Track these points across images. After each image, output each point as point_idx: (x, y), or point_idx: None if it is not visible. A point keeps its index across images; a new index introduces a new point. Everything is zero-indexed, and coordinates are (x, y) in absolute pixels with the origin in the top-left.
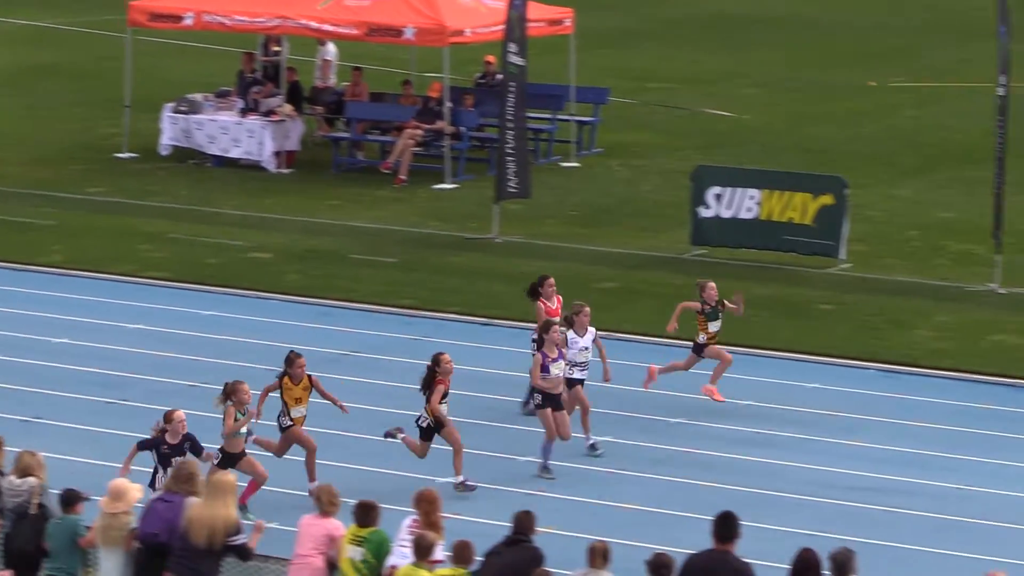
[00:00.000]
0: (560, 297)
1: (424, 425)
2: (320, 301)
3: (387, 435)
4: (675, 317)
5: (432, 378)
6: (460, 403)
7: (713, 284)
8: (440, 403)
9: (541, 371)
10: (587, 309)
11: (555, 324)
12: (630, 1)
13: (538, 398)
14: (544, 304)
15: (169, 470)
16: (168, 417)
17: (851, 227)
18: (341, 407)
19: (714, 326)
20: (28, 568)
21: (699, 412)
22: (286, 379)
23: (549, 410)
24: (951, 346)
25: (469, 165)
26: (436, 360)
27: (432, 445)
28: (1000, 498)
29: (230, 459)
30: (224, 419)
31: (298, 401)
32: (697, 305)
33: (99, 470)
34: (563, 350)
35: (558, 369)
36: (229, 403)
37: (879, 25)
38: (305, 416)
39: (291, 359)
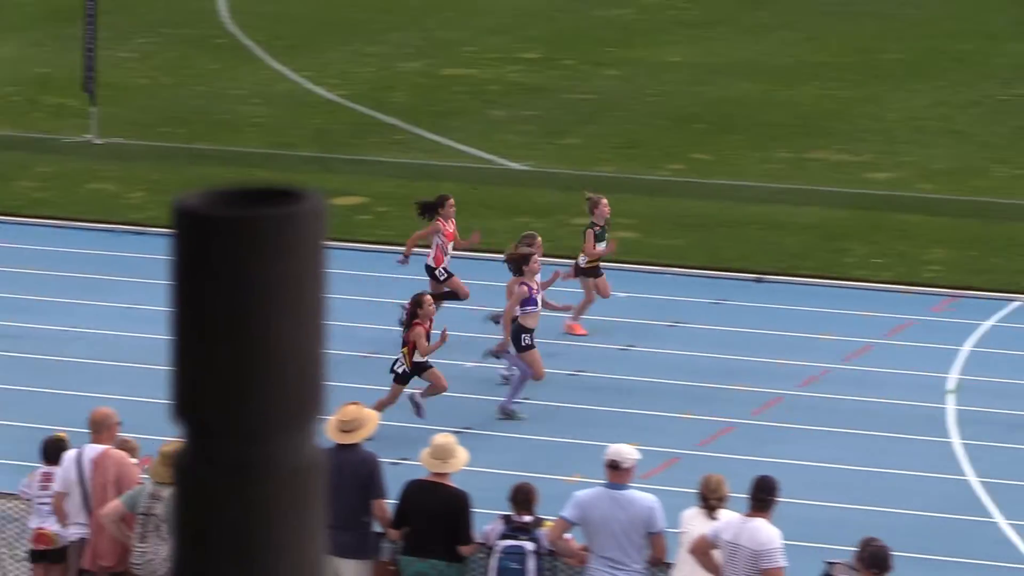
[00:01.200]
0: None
1: (400, 371)
2: None
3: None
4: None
5: (412, 319)
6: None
7: (606, 200)
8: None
9: (529, 304)
10: (540, 239)
11: (533, 254)
12: None
13: (527, 339)
14: (443, 224)
15: None
16: None
17: None
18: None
19: (601, 246)
20: None
21: None
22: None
23: (536, 350)
24: (52, 196)
25: None
26: (418, 301)
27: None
28: (107, 337)
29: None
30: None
31: None
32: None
33: None
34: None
35: (539, 300)
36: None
37: None
38: None
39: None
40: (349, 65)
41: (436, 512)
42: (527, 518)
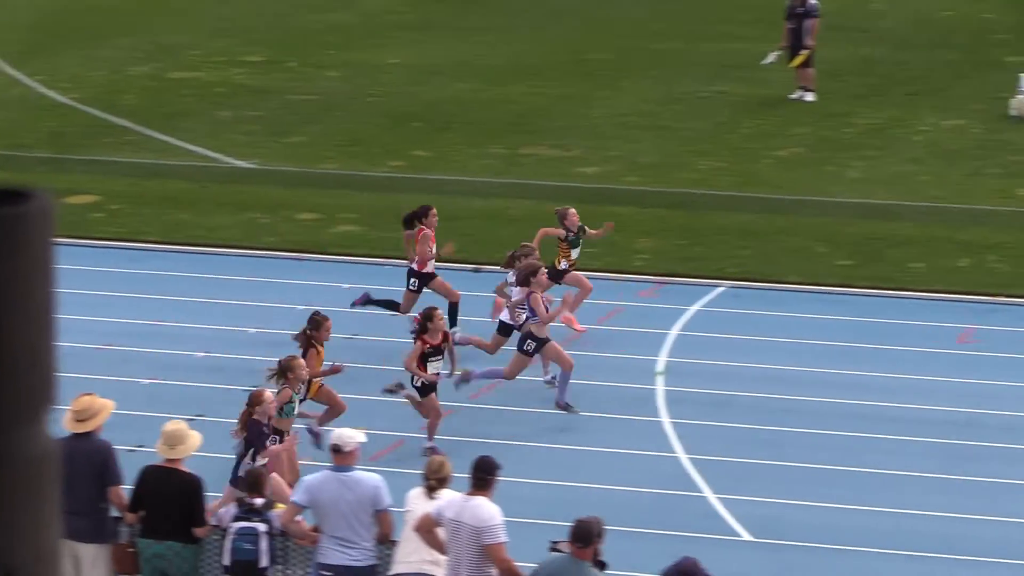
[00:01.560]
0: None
1: (418, 385)
2: None
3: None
4: (536, 242)
5: (422, 333)
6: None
7: (574, 210)
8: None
9: (535, 315)
10: (537, 252)
11: (541, 266)
12: None
13: (531, 345)
14: (428, 231)
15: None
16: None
17: None
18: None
19: (576, 252)
20: None
21: None
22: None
23: (554, 342)
24: None
25: None
26: (429, 315)
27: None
28: None
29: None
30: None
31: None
32: (561, 232)
33: None
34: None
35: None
36: (283, 383)
37: None
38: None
39: (318, 321)
40: (81, 69)
41: (170, 496)
42: (259, 501)
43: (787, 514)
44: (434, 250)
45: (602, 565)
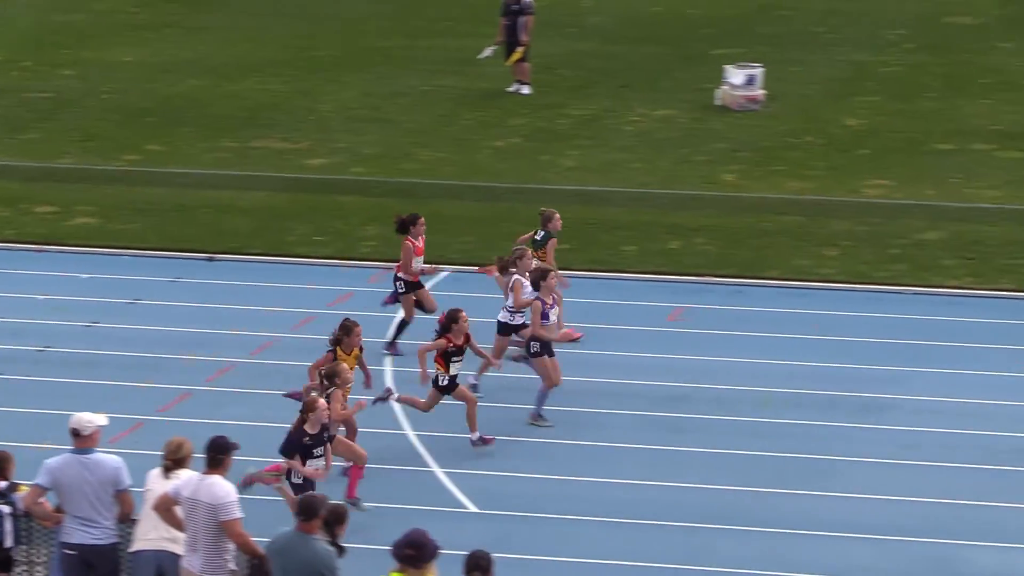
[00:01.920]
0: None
1: (443, 383)
2: None
3: (377, 400)
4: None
5: (444, 332)
6: None
7: (559, 215)
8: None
9: (541, 318)
10: (530, 252)
11: (551, 270)
12: None
13: (536, 346)
14: (412, 242)
15: (311, 462)
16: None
17: None
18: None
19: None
20: None
21: None
22: (339, 349)
23: (546, 357)
24: None
25: None
26: (453, 316)
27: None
28: None
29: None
30: (331, 403)
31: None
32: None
33: None
34: (556, 295)
35: (555, 315)
36: (334, 387)
37: None
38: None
39: (348, 327)
40: None
41: None
42: (2, 484)
43: (509, 486)
44: (420, 261)
45: (340, 549)
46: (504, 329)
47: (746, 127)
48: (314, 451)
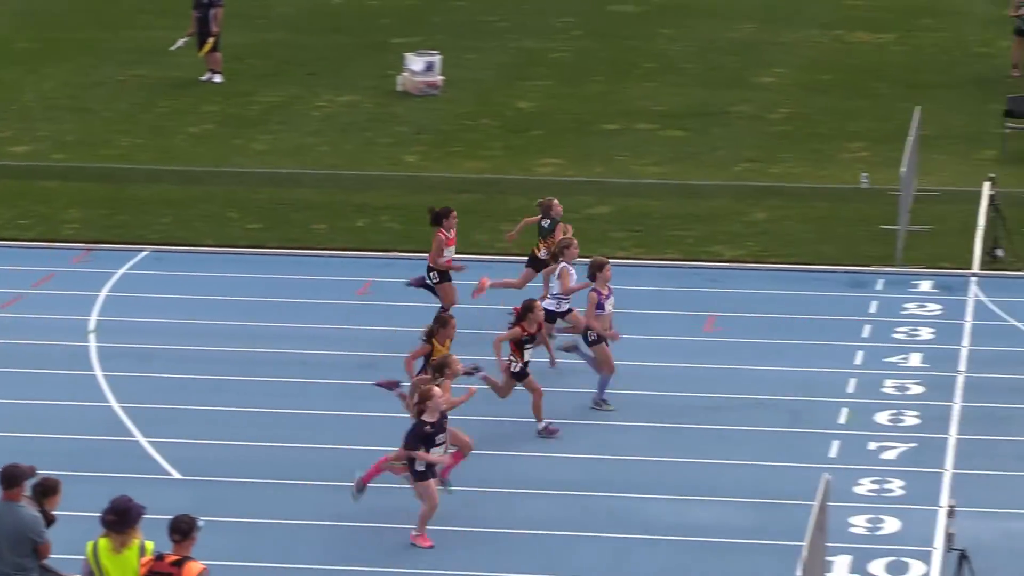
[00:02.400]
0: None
1: (516, 370)
2: None
3: (465, 373)
4: (517, 230)
5: (520, 321)
6: None
7: (557, 200)
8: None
9: (596, 308)
10: (576, 242)
11: (607, 263)
12: None
13: (593, 335)
14: (444, 234)
15: (434, 449)
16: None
17: None
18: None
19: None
20: None
21: None
22: (435, 341)
23: (605, 344)
24: None
25: None
26: (529, 306)
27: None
28: None
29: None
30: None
31: None
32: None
33: None
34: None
35: (611, 306)
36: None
37: None
38: None
39: (444, 320)
40: None
41: None
42: None
43: (211, 453)
44: (451, 251)
45: (51, 519)
46: (549, 317)
47: (426, 111)
48: (436, 439)
